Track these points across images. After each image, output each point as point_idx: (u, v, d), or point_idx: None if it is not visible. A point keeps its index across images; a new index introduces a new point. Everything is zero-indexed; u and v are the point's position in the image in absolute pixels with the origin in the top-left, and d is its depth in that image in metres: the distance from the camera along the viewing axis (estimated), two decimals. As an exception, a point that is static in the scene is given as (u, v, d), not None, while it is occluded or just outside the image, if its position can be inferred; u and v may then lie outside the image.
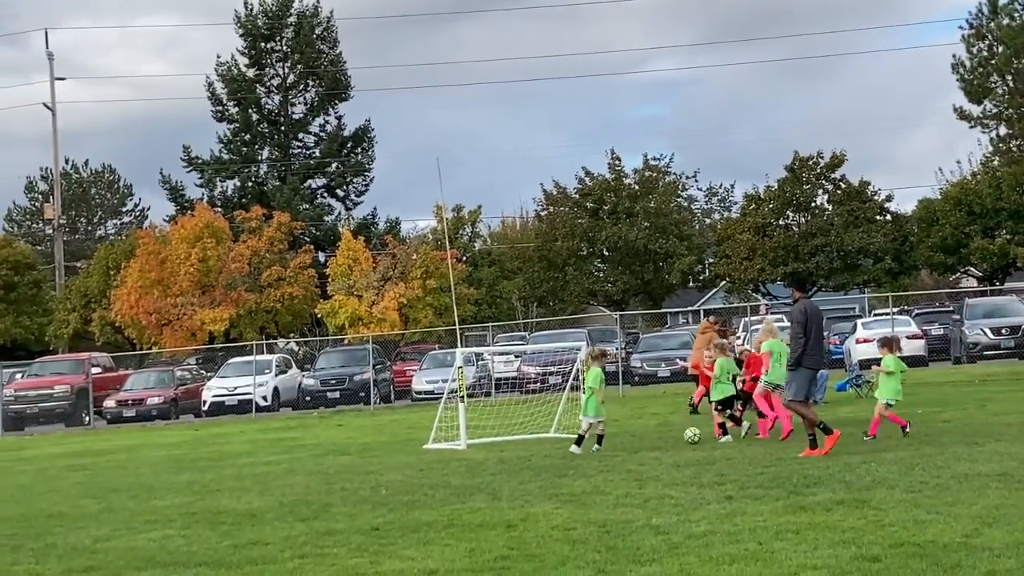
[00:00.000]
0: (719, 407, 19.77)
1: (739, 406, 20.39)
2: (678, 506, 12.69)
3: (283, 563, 10.89)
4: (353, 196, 79.37)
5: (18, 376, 49.28)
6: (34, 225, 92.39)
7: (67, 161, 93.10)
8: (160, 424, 42.52)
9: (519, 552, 10.57)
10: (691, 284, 72.96)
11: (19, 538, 13.85)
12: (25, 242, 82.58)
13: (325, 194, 78.96)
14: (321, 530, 12.74)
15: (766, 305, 63.32)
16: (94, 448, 31.03)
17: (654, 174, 68.10)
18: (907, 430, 17.86)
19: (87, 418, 44.56)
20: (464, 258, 67.61)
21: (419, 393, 43.65)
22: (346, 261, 59.66)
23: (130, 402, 44.65)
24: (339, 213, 79.09)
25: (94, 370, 46.92)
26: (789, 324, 18.03)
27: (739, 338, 46.09)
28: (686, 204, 72.01)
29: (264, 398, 44.44)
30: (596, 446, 19.16)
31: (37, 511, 16.62)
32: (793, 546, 9.93)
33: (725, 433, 19.36)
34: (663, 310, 66.30)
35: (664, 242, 64.86)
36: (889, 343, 18.26)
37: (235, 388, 44.53)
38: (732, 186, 74.39)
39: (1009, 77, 63.58)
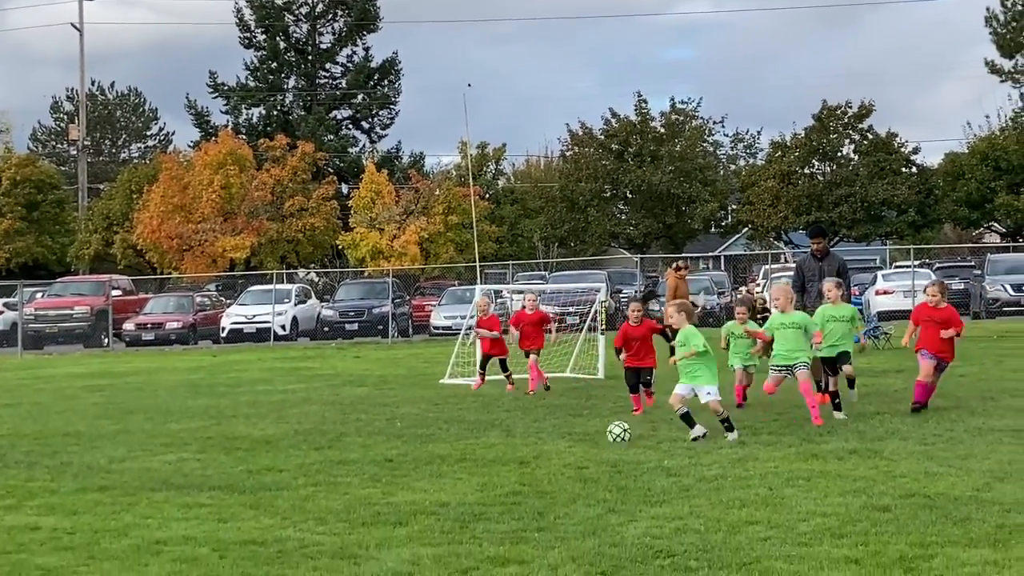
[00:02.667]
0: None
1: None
2: (691, 449, 12.73)
3: (296, 490, 10.97)
4: (378, 129, 79.19)
5: (39, 295, 49.52)
6: (58, 146, 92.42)
7: (93, 83, 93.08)
8: (178, 349, 42.75)
9: (531, 488, 10.62)
10: (713, 230, 72.74)
11: (35, 455, 13.97)
12: (49, 162, 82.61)
13: (350, 126, 78.78)
14: (335, 459, 12.82)
15: (784, 254, 63.13)
16: (112, 370, 31.23)
17: (681, 118, 67.69)
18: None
19: (106, 340, 44.81)
20: (487, 195, 67.45)
21: (437, 328, 43.75)
22: (369, 194, 59.58)
23: (149, 326, 44.87)
24: (363, 145, 78.96)
25: (114, 292, 47.12)
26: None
27: (759, 286, 46.10)
28: (711, 149, 71.67)
29: (283, 327, 44.61)
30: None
31: (54, 429, 16.76)
32: (803, 493, 9.95)
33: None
34: (684, 255, 66.17)
35: (688, 187, 64.58)
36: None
37: (254, 316, 44.71)
38: (758, 133, 74.22)
39: (1043, 32, 62.86)
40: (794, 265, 50.37)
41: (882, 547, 7.87)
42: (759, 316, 24.81)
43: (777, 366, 14.88)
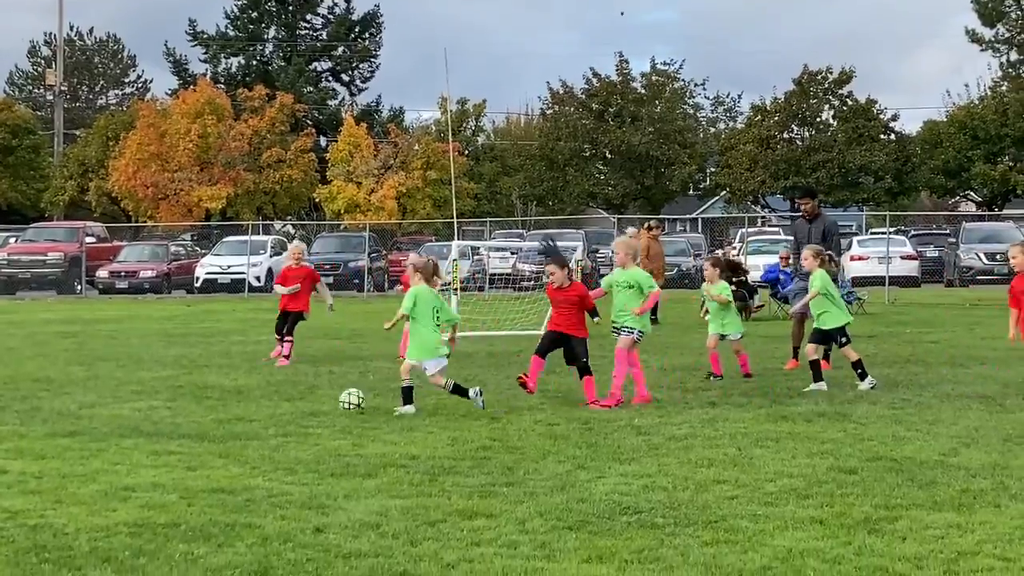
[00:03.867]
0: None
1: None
2: (661, 409, 12.77)
3: (266, 439, 10.97)
4: (358, 82, 78.85)
5: (12, 240, 49.32)
6: (35, 90, 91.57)
7: (71, 27, 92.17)
8: (152, 297, 42.61)
9: (501, 444, 10.64)
10: (691, 192, 72.85)
11: (5, 399, 13.92)
12: (25, 106, 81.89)
13: (330, 78, 78.40)
14: (306, 411, 12.81)
15: (761, 218, 63.29)
16: (85, 317, 31.12)
17: (662, 79, 67.59)
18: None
19: (79, 287, 44.68)
20: (466, 152, 67.34)
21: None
22: (347, 147, 59.42)
23: (123, 273, 44.72)
24: (343, 98, 78.63)
25: (88, 239, 46.94)
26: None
27: (735, 249, 46.21)
28: (692, 112, 71.63)
29: (257, 278, 44.54)
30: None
31: (24, 374, 16.70)
32: (772, 454, 10.00)
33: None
34: (661, 216, 66.23)
35: (667, 149, 64.59)
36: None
37: (229, 267, 44.63)
38: (739, 97, 73.98)
39: (1025, 2, 62.91)
40: (775, 229, 50.23)
41: (847, 508, 7.92)
42: (732, 279, 24.90)
43: (614, 327, 13.62)
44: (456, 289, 22.85)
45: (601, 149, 66.93)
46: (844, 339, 14.46)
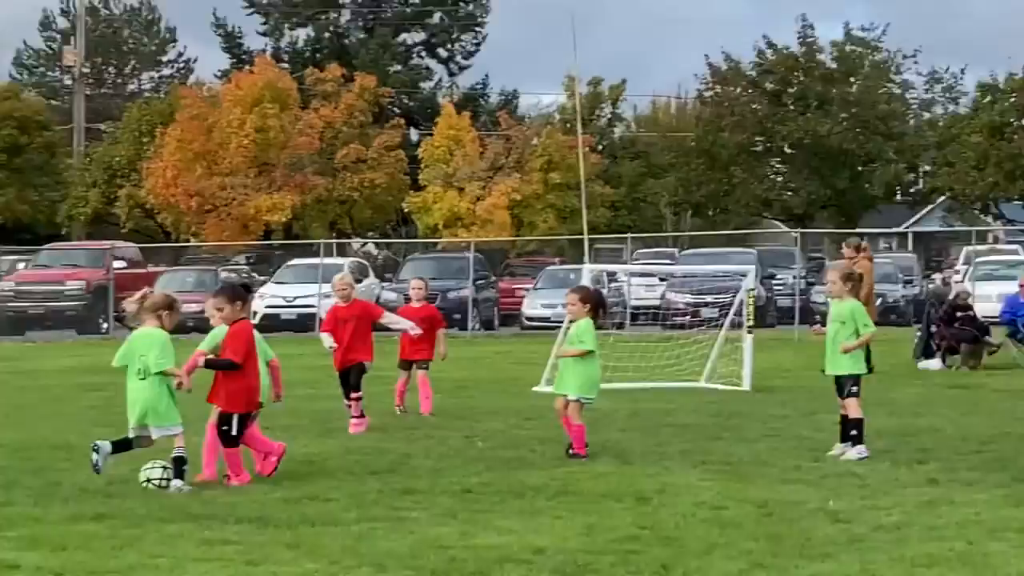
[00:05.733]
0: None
1: None
2: (864, 487, 12.65)
3: (347, 526, 11.06)
4: (459, 58, 79.52)
5: (20, 266, 50.18)
6: (49, 73, 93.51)
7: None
8: (197, 338, 43.16)
9: (652, 533, 10.61)
10: (898, 198, 71.98)
11: (14, 472, 14.20)
12: (37, 94, 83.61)
13: (423, 54, 79.18)
14: (397, 487, 12.89)
15: (994, 232, 62.39)
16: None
17: (859, 50, 67.05)
18: None
19: (105, 325, 45.37)
20: (600, 147, 67.46)
21: (530, 319, 43.88)
22: (446, 143, 59.82)
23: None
24: (440, 80, 79.36)
25: (117, 264, 47.58)
26: None
27: (959, 274, 45.59)
28: (899, 93, 70.87)
29: (332, 313, 44.88)
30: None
31: (39, 440, 17.01)
32: (1015, 549, 9.86)
33: None
34: (860, 230, 65.54)
35: (866, 141, 64.00)
36: None
37: (294, 298, 45.09)
38: (962, 72, 72.62)
39: None
40: (1012, 247, 49.19)
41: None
42: (957, 314, 24.69)
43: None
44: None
45: (778, 142, 66.53)
46: None
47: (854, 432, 14.46)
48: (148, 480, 13.04)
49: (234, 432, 13.47)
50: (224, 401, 13.63)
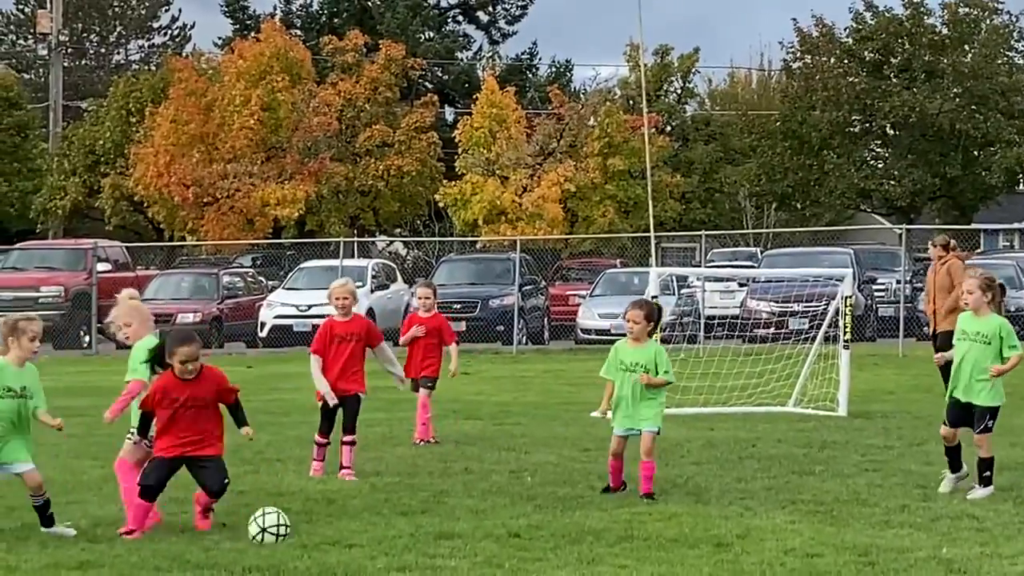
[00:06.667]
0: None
1: None
2: (983, 531, 12.62)
3: (375, 575, 11.10)
4: (502, 23, 79.57)
5: (-11, 268, 50.30)
6: (21, 41, 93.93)
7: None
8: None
9: (733, 585, 10.63)
10: (1021, 187, 71.65)
11: (-15, 512, 14.30)
12: (6, 67, 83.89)
13: (460, 18, 79.21)
14: (432, 531, 12.91)
15: None
16: (97, 383, 31.71)
17: (974, 13, 66.79)
18: None
19: (87, 338, 45.50)
20: (669, 128, 67.38)
21: (586, 331, 43.84)
22: (487, 123, 59.78)
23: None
24: (480, 49, 79.39)
25: (101, 266, 47.70)
26: None
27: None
28: (1022, 63, 70.57)
29: (352, 324, 44.98)
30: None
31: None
32: None
33: None
34: (975, 226, 65.32)
35: (983, 120, 63.72)
36: None
37: (309, 307, 45.17)
38: (1099, 38, 72.23)
39: None
40: None
41: None
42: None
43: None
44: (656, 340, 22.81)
45: (879, 121, 66.30)
46: None
47: (988, 473, 14.43)
48: (263, 530, 12.61)
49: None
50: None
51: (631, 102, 64.12)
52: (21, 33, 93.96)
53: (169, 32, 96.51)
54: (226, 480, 13.11)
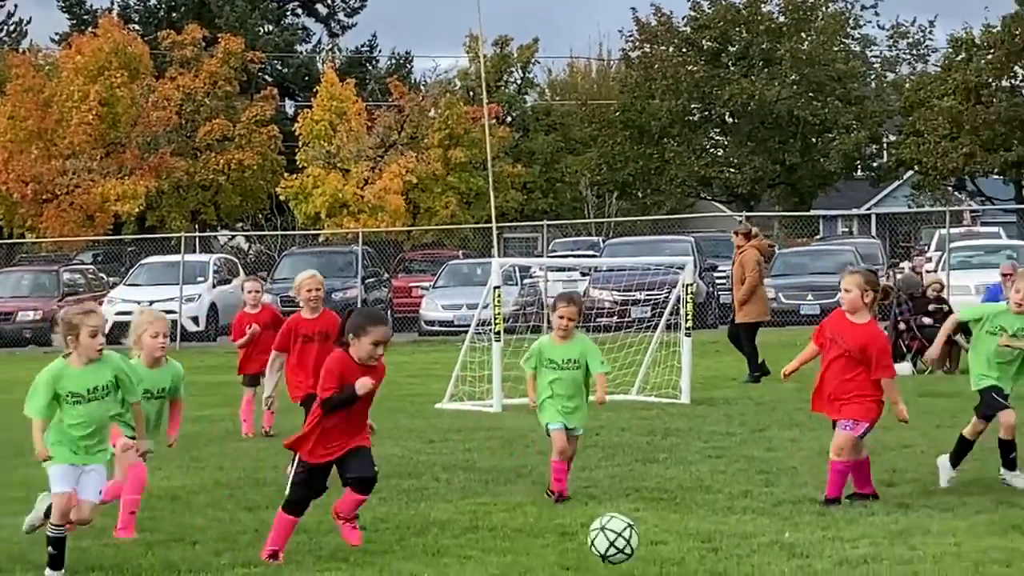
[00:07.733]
0: None
1: None
2: (824, 515, 12.75)
3: (218, 572, 11.05)
4: (341, 16, 79.32)
5: None
6: None
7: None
8: (37, 352, 42.89)
9: (578, 574, 10.65)
10: (859, 174, 72.38)
11: None
12: None
13: (299, 11, 78.86)
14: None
15: (971, 211, 63.00)
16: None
17: (811, 1, 67.44)
18: None
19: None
20: (509, 119, 67.49)
21: (430, 323, 43.85)
22: (327, 116, 59.65)
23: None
24: (319, 41, 79.09)
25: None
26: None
27: (929, 259, 45.96)
28: (859, 50, 71.34)
29: (195, 319, 44.75)
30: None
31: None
32: (1000, 585, 9.98)
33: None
34: (814, 212, 65.99)
35: (821, 106, 64.35)
36: None
37: (151, 303, 44.81)
38: (931, 24, 73.13)
39: None
40: (992, 230, 49.31)
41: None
42: (929, 308, 24.92)
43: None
44: (499, 332, 22.85)
45: (718, 109, 66.82)
46: None
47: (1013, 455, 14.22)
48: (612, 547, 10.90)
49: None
50: None
51: (471, 93, 64.19)
52: None
53: (5, 28, 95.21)
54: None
